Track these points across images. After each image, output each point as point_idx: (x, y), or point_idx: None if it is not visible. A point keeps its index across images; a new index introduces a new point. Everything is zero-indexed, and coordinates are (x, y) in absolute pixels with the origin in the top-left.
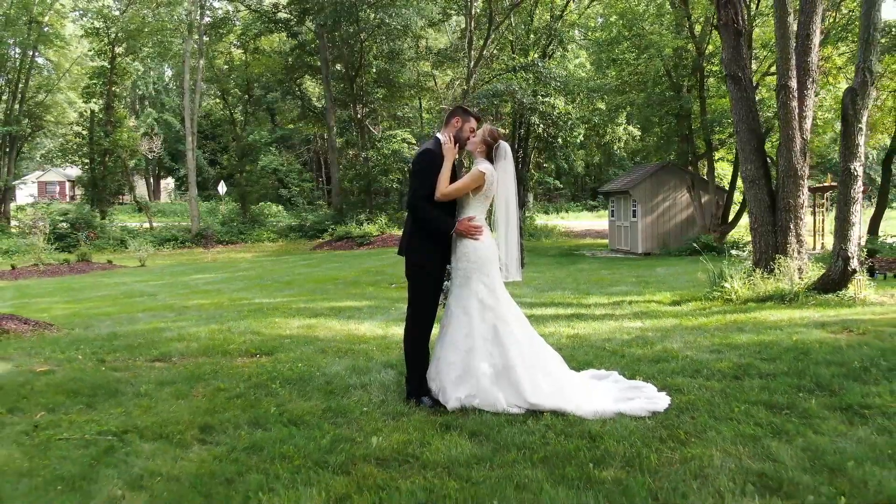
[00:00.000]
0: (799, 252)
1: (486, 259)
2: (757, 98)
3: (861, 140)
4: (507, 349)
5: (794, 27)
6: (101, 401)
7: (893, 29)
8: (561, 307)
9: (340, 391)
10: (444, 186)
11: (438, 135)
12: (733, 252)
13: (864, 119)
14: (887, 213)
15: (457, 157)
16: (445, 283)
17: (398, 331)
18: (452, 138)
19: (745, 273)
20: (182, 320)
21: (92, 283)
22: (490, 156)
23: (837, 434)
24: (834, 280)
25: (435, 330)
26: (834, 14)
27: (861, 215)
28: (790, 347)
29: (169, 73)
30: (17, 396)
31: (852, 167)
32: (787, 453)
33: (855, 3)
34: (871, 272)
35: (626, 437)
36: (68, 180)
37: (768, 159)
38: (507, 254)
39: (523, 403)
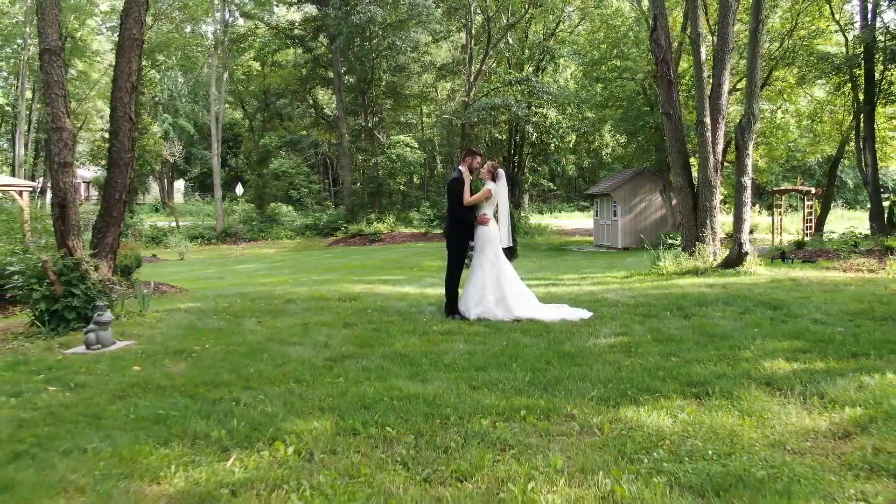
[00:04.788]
0: (713, 240)
1: (493, 237)
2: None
3: (749, 161)
4: (503, 288)
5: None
6: (278, 315)
7: (832, 57)
8: (542, 281)
9: (407, 314)
10: (468, 198)
11: (460, 167)
12: (668, 241)
13: (751, 146)
14: (851, 213)
15: (471, 178)
16: (469, 252)
17: (431, 291)
18: (467, 169)
19: (674, 256)
20: (278, 287)
21: (152, 273)
22: (493, 178)
23: (671, 323)
24: (733, 259)
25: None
26: (784, 40)
27: (749, 213)
28: (677, 294)
29: (181, 79)
30: (229, 314)
31: (743, 180)
32: (638, 328)
33: (803, 33)
34: (783, 258)
35: (563, 326)
36: (83, 181)
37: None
38: (503, 231)
39: (511, 316)
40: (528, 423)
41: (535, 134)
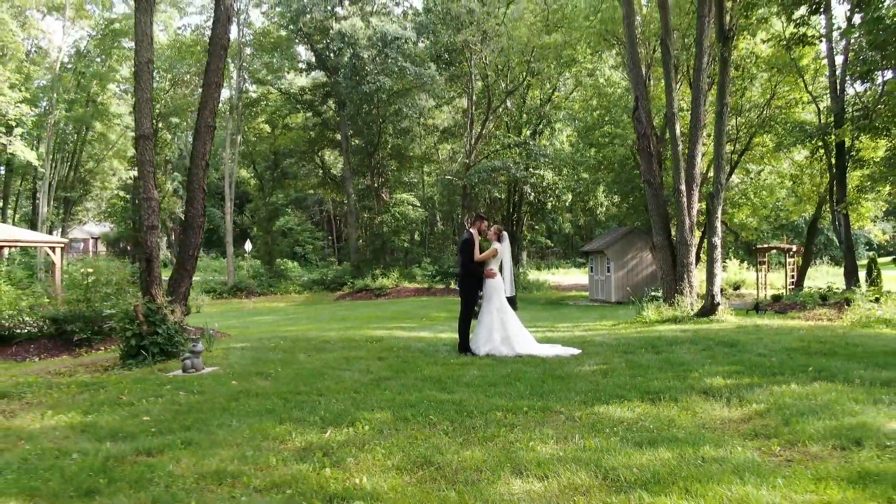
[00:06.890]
0: (690, 292)
1: (499, 287)
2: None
3: (718, 224)
4: (507, 330)
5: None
6: (320, 352)
7: (807, 125)
8: (540, 328)
9: (427, 352)
10: (478, 255)
11: (470, 230)
12: (652, 294)
13: (720, 211)
14: (837, 269)
15: (479, 239)
16: (479, 300)
17: (443, 335)
18: (476, 231)
19: (656, 306)
20: (308, 333)
21: None
22: (499, 239)
23: (643, 357)
24: (707, 309)
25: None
26: (763, 110)
27: (720, 269)
28: (654, 337)
29: (191, 139)
30: (280, 350)
31: (714, 240)
32: (616, 360)
33: (781, 102)
34: (757, 310)
35: (556, 359)
36: (92, 237)
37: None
38: (507, 283)
39: (514, 352)
40: (529, 415)
41: (532, 194)
